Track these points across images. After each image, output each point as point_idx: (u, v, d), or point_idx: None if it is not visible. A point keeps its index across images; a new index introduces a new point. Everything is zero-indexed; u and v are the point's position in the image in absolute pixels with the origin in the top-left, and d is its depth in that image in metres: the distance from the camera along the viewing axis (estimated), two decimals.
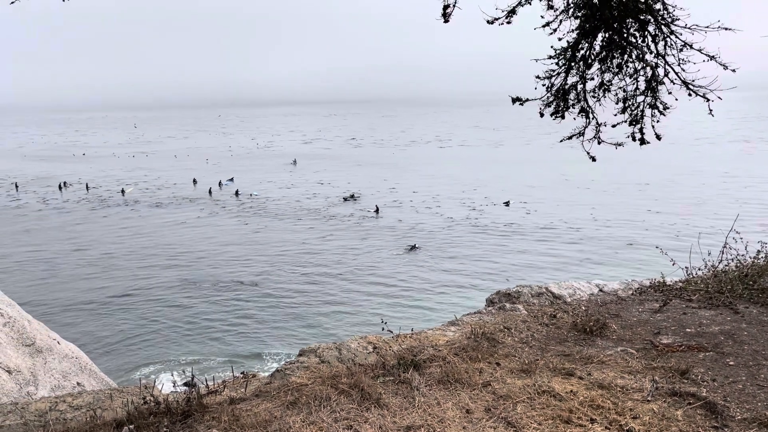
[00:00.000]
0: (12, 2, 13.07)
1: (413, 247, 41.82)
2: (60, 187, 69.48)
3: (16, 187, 70.57)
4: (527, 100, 6.87)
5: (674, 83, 5.81)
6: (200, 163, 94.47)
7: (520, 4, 7.23)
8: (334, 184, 70.25)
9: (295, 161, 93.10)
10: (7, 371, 12.77)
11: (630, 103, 6.10)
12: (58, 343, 14.55)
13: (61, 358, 14.19)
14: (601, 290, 7.89)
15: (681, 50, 5.66)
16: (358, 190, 64.76)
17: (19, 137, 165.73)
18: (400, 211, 54.52)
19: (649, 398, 4.35)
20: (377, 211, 53.59)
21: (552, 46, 6.48)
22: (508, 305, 6.96)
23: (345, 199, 59.80)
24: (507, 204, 56.19)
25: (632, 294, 7.63)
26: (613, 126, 6.16)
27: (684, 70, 5.71)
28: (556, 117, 6.51)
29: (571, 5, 6.07)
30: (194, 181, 72.89)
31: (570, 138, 6.58)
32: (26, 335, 13.60)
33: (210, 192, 64.37)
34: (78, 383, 14.31)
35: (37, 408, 4.60)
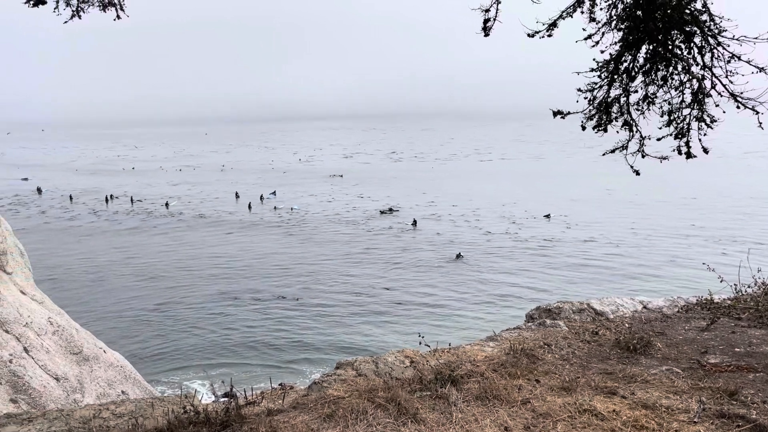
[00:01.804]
0: (65, 22, 13.58)
1: (458, 256, 42.17)
2: (107, 200, 71.61)
3: (71, 198, 73.14)
4: (569, 113, 6.78)
5: (722, 95, 5.67)
6: (243, 176, 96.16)
7: (561, 17, 7.16)
8: (374, 198, 70.54)
9: (341, 175, 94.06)
10: (55, 378, 13.15)
11: (675, 116, 5.97)
12: (104, 351, 14.92)
13: (107, 366, 14.54)
14: (645, 307, 7.69)
15: (728, 62, 5.52)
16: (396, 203, 64.88)
17: (70, 152, 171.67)
18: (439, 224, 54.33)
19: (695, 420, 4.20)
20: (415, 224, 53.60)
21: (594, 59, 6.40)
22: (548, 321, 6.84)
23: (383, 212, 59.95)
24: (548, 217, 55.49)
25: (678, 311, 7.41)
26: (658, 139, 6.04)
27: (732, 82, 5.57)
28: (599, 130, 6.43)
29: (614, 17, 6.00)
30: (236, 195, 74.15)
31: (613, 151, 6.49)
32: (74, 344, 13.99)
33: (249, 206, 65.32)
34: (122, 391, 14.61)
35: (82, 415, 4.71)
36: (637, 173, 6.19)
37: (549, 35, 7.62)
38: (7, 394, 11.85)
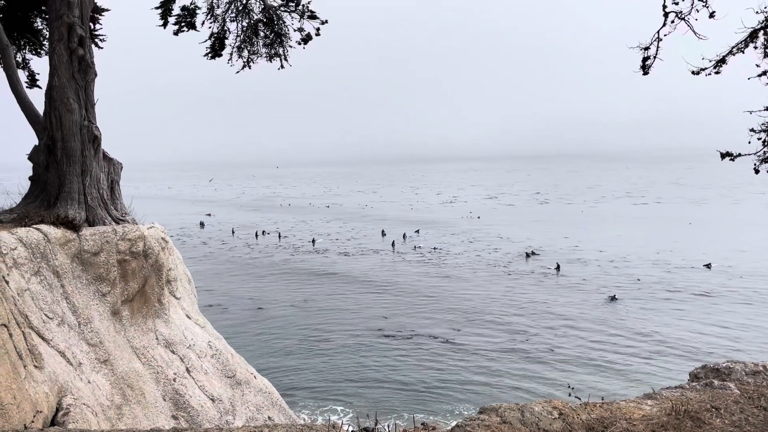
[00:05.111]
0: (237, 72, 14.73)
1: (613, 298, 40.71)
2: (256, 235, 76.57)
3: (233, 232, 79.52)
4: (739, 155, 6.33)
5: None
6: (386, 215, 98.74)
7: (730, 53, 6.74)
8: (514, 239, 69.14)
9: (479, 216, 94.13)
10: (211, 399, 14.09)
11: None
12: (255, 377, 15.79)
13: (256, 391, 15.36)
14: None
15: None
16: (539, 246, 63.08)
17: (235, 189, 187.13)
18: (584, 269, 51.82)
19: None
20: (558, 268, 51.61)
21: None
22: (716, 382, 6.20)
23: (528, 255, 58.48)
24: (708, 267, 50.99)
25: None
26: None
27: None
28: None
29: None
30: (383, 232, 76.13)
31: None
32: (229, 367, 14.97)
33: (393, 245, 66.67)
34: (269, 417, 15.31)
35: None
36: None
37: (717, 72, 7.19)
38: (170, 410, 12.89)
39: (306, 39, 14.28)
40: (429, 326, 35.91)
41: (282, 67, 14.97)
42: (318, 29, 14.15)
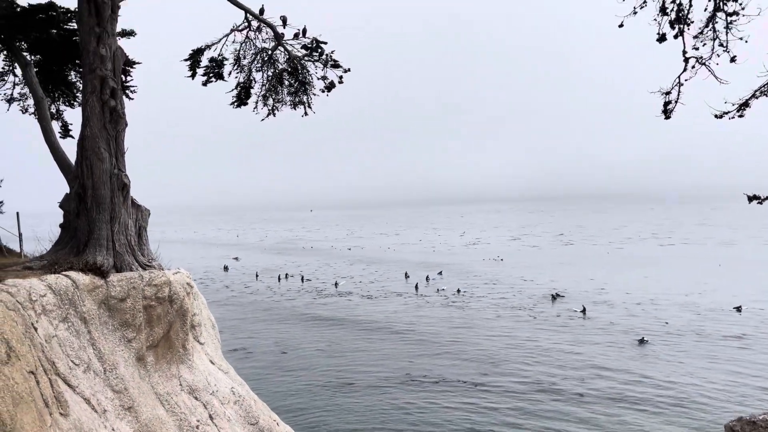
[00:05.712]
0: (262, 120, 14.99)
1: (642, 341, 40.11)
2: (279, 278, 76.53)
3: (257, 276, 79.64)
4: (767, 198, 6.26)
5: None
6: (408, 257, 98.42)
7: (754, 96, 6.75)
8: (538, 282, 68.36)
9: (502, 258, 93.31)
10: None
11: None
12: (278, 424, 15.61)
13: None
14: None
15: None
16: (564, 288, 62.23)
17: (258, 232, 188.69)
18: (611, 312, 50.86)
19: None
20: (584, 311, 50.72)
21: None
22: None
23: (553, 297, 57.68)
24: (738, 310, 49.66)
25: None
26: None
27: None
28: None
29: None
30: (406, 275, 75.81)
31: None
32: (252, 414, 14.83)
33: (416, 287, 66.29)
34: None
35: None
36: None
37: (740, 116, 7.18)
38: None
39: (329, 87, 14.60)
40: (455, 369, 35.36)
41: (306, 114, 15.28)
42: (341, 77, 14.46)
